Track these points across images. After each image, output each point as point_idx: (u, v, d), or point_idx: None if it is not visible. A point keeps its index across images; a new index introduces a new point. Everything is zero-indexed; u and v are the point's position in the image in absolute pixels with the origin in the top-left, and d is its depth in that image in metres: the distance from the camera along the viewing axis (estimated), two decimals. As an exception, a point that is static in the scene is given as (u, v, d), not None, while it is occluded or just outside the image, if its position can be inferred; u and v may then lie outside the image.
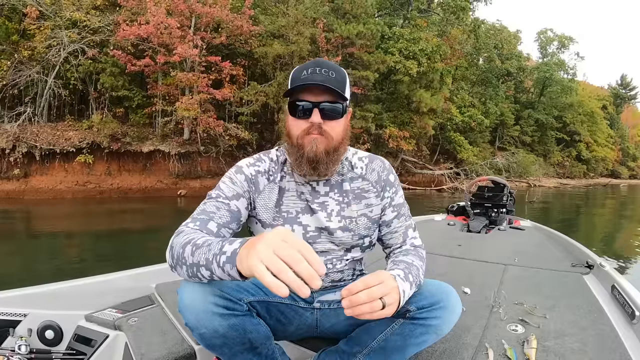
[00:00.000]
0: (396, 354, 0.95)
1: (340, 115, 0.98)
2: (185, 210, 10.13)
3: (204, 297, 0.83)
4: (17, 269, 4.31)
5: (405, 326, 0.94)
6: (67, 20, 12.46)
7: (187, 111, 12.09)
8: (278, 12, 15.02)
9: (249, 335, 0.89)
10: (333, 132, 0.98)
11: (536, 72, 29.78)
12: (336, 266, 1.06)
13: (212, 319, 0.83)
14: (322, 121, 0.95)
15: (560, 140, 32.41)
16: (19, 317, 1.27)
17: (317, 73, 0.94)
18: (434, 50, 16.94)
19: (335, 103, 0.96)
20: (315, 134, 0.96)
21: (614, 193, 22.61)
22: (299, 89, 0.95)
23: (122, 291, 1.54)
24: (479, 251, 2.39)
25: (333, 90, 0.94)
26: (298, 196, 1.04)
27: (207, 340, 0.86)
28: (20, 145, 11.71)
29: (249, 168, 1.04)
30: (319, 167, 0.98)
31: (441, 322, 0.93)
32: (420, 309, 0.93)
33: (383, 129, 16.61)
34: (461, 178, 19.72)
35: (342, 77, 0.97)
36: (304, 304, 1.09)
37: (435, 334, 0.94)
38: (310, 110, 0.95)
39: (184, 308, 0.84)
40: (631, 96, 47.65)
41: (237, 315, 0.86)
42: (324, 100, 0.95)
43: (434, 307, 0.92)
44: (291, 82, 0.98)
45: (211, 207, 0.96)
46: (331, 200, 1.05)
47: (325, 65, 0.97)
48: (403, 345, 0.94)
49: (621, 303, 1.43)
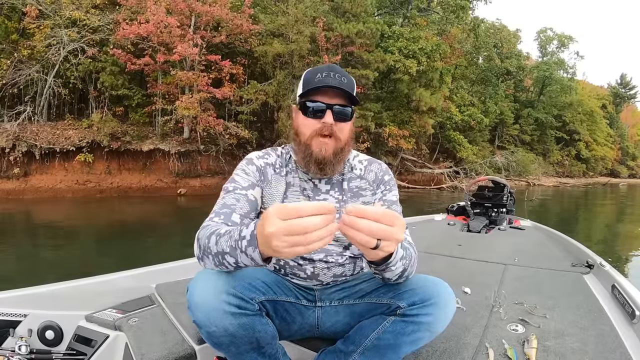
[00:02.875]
0: (390, 352, 0.95)
1: (349, 118, 1.05)
2: (185, 209, 10.15)
3: (216, 295, 0.84)
4: (17, 269, 4.31)
5: (397, 324, 0.94)
6: (67, 19, 12.43)
7: (187, 110, 12.08)
8: (278, 11, 14.99)
9: (257, 334, 0.89)
10: (342, 134, 1.04)
11: (536, 71, 29.78)
12: (338, 261, 1.09)
13: (223, 317, 0.84)
14: (334, 122, 1.01)
15: (560, 139, 32.41)
16: (19, 318, 1.27)
17: (332, 77, 1.00)
18: (434, 49, 16.92)
19: (346, 107, 1.03)
20: (326, 134, 1.01)
21: (613, 192, 22.62)
22: (313, 90, 1.00)
23: (123, 291, 1.54)
24: (479, 251, 2.39)
25: (346, 94, 1.01)
26: (301, 192, 1.08)
27: (215, 338, 0.86)
28: (20, 144, 11.70)
29: (259, 160, 1.10)
30: (325, 168, 1.05)
31: (433, 320, 0.92)
32: (411, 306, 0.93)
33: (383, 128, 16.60)
34: (461, 177, 19.74)
35: (352, 83, 1.04)
36: (307, 302, 1.10)
37: (428, 332, 0.93)
38: (323, 111, 1.01)
39: (195, 305, 0.84)
40: (631, 95, 47.65)
41: (248, 314, 0.87)
42: (337, 102, 1.01)
43: (425, 303, 0.92)
44: (304, 84, 1.04)
45: (231, 200, 1.00)
46: (331, 198, 1.09)
47: (338, 70, 1.03)
48: (395, 343, 0.94)
49: (621, 303, 1.43)
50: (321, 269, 1.07)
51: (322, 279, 1.09)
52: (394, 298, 0.98)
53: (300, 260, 1.07)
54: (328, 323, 1.11)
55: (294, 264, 1.08)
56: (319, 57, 14.26)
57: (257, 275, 0.97)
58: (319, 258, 1.06)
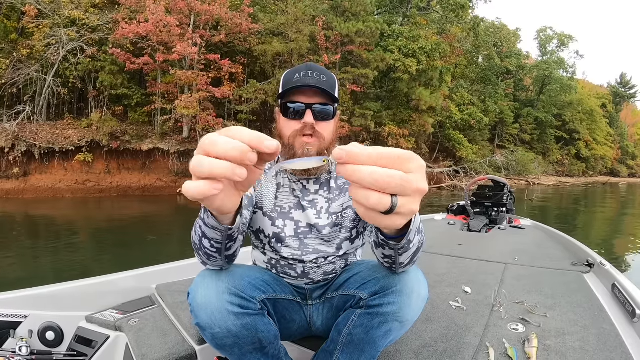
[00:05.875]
0: (368, 347, 0.93)
1: (331, 116, 1.01)
2: (185, 208, 10.13)
3: (218, 295, 0.84)
4: (17, 269, 4.30)
5: (364, 317, 0.91)
6: (66, 19, 12.42)
7: (187, 109, 12.08)
8: (277, 10, 14.99)
9: (260, 334, 0.89)
10: (325, 133, 1.00)
11: (536, 70, 29.76)
12: (328, 259, 1.08)
13: (227, 318, 0.83)
14: (315, 122, 0.98)
15: (560, 138, 32.42)
16: (19, 319, 1.27)
17: (310, 76, 0.97)
18: (434, 48, 16.92)
19: (327, 105, 1.00)
20: (308, 134, 0.98)
21: (613, 191, 22.63)
22: (292, 91, 0.98)
23: (123, 292, 1.54)
24: (480, 250, 2.39)
25: (325, 92, 0.97)
26: (291, 192, 1.07)
27: (219, 340, 0.86)
28: (20, 144, 11.69)
29: None
30: (309, 169, 1.01)
31: (398, 309, 0.87)
32: (373, 296, 0.90)
33: (382, 127, 16.62)
34: (460, 176, 19.76)
35: (332, 80, 1.01)
36: (301, 299, 1.11)
37: (397, 322, 0.88)
38: (303, 112, 0.98)
39: (197, 307, 0.84)
40: (630, 95, 47.65)
41: (250, 314, 0.87)
42: (316, 102, 0.98)
43: (386, 292, 0.88)
44: (283, 85, 1.01)
45: None
46: (320, 197, 1.07)
47: (316, 69, 1.00)
48: (368, 338, 0.91)
49: (622, 302, 1.43)
50: (311, 268, 1.07)
51: (312, 277, 1.09)
52: (359, 289, 0.95)
53: (290, 260, 1.07)
54: (318, 321, 1.13)
55: (285, 263, 1.07)
56: (319, 56, 14.26)
57: (256, 274, 0.97)
58: (310, 259, 1.06)
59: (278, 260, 1.08)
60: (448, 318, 1.33)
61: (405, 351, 1.10)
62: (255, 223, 1.07)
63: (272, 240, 1.05)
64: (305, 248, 1.05)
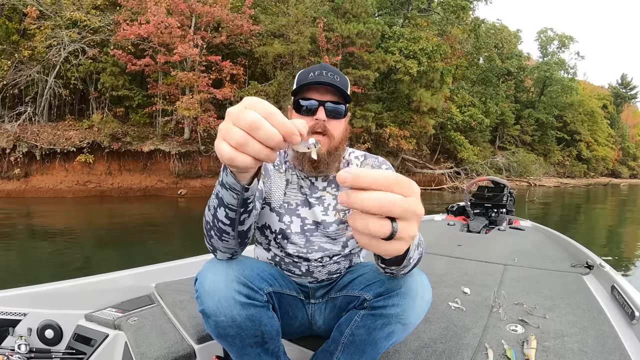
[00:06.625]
0: (369, 348, 0.93)
1: (342, 115, 1.04)
2: (186, 210, 10.14)
3: (227, 283, 0.84)
4: (17, 268, 4.31)
5: (367, 318, 0.91)
6: (68, 20, 12.46)
7: (188, 111, 12.10)
8: (278, 11, 15.01)
9: (263, 328, 0.89)
10: (335, 132, 1.02)
11: (536, 72, 29.72)
12: (333, 258, 1.08)
13: (233, 307, 0.83)
14: (327, 119, 1.00)
15: (561, 139, 32.39)
16: (18, 317, 1.28)
17: (324, 75, 1.01)
18: (434, 50, 16.92)
19: (339, 104, 1.02)
20: (319, 131, 1.00)
21: (614, 193, 22.58)
22: (305, 88, 1.01)
23: (122, 291, 1.55)
24: (479, 251, 2.39)
25: (338, 90, 1.00)
26: (298, 189, 1.08)
27: (222, 329, 0.85)
28: (21, 145, 11.73)
29: None
30: (319, 166, 1.03)
31: (402, 311, 0.87)
32: (377, 297, 0.90)
33: (383, 128, 16.61)
34: (461, 177, 19.74)
35: (345, 81, 1.04)
36: (304, 296, 1.11)
37: (400, 324, 0.88)
38: (315, 109, 1.00)
39: (204, 293, 0.84)
40: (631, 95, 47.57)
41: (256, 305, 0.87)
42: (329, 99, 1.01)
43: (391, 293, 0.88)
44: (297, 83, 1.04)
45: None
46: (328, 195, 1.08)
47: (330, 69, 1.03)
48: (370, 339, 0.92)
49: (621, 303, 1.43)
50: (316, 267, 1.08)
51: (316, 276, 1.09)
52: (363, 290, 0.95)
53: (295, 257, 1.07)
54: (320, 320, 1.13)
55: (289, 260, 1.08)
56: (320, 58, 14.27)
57: (264, 267, 0.98)
58: (315, 258, 1.07)
59: (282, 257, 1.09)
60: (447, 319, 1.33)
61: (404, 351, 1.10)
62: (261, 219, 1.07)
63: (278, 237, 1.06)
64: (310, 245, 1.06)
